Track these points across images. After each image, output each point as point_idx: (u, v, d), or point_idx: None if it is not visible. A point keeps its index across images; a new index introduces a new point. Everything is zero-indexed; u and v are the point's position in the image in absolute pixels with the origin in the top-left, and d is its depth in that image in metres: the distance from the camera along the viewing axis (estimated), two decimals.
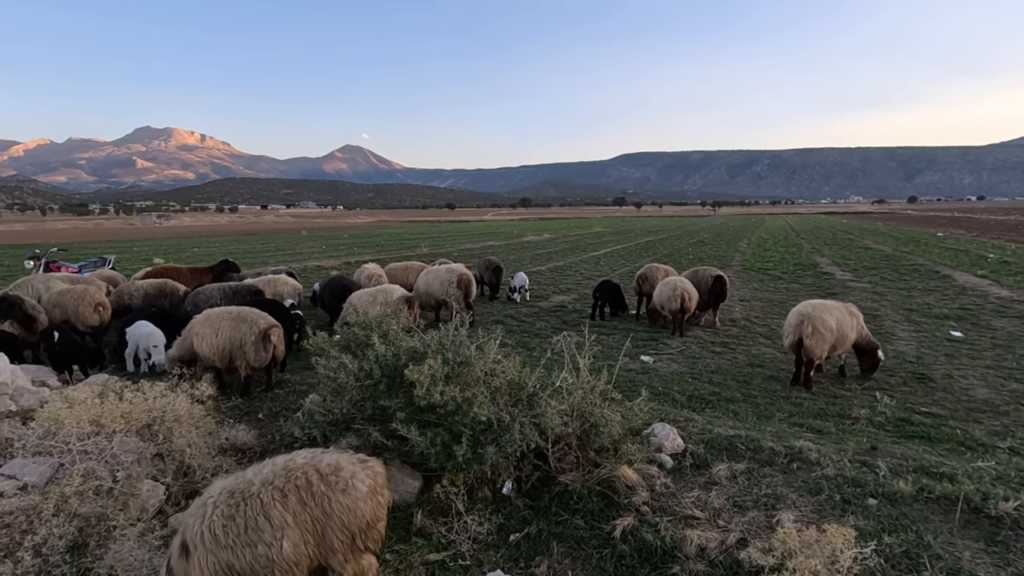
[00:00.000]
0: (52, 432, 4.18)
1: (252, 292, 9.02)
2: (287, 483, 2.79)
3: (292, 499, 2.76)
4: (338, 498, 2.81)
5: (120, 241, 41.52)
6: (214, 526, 2.65)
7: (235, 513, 2.69)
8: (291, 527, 2.72)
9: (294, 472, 2.85)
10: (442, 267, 10.37)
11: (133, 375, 7.13)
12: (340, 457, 3.02)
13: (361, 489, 2.88)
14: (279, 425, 5.75)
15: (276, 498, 2.73)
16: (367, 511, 2.89)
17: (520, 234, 45.79)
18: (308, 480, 2.82)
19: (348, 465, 2.96)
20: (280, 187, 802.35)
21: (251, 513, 2.69)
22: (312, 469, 2.87)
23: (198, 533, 2.65)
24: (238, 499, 2.74)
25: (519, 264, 21.33)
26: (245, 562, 2.68)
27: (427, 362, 3.52)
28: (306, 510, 2.76)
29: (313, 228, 66.59)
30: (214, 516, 2.67)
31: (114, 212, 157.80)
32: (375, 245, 34.96)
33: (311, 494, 2.78)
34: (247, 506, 2.71)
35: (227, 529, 2.66)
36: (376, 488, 2.99)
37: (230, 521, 2.68)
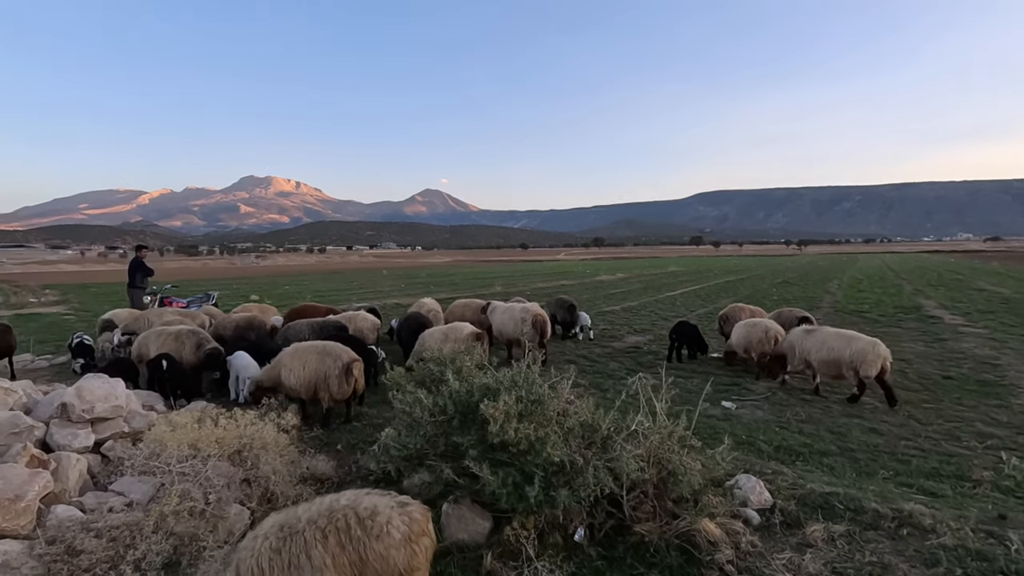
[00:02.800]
0: (157, 453, 4.54)
1: (338, 328, 9.50)
2: (328, 524, 2.82)
3: (332, 541, 2.77)
4: (372, 544, 2.79)
5: (222, 279, 45.33)
6: (261, 559, 2.71)
7: (281, 548, 2.75)
8: (329, 569, 2.73)
9: (336, 513, 2.87)
10: (517, 306, 10.45)
11: (227, 403, 7.65)
12: (380, 501, 3.00)
13: (395, 536, 2.84)
14: (356, 457, 5.91)
15: (318, 538, 2.76)
16: (400, 560, 2.83)
17: (593, 273, 45.48)
18: (347, 523, 2.83)
19: (385, 510, 2.93)
20: (364, 229, 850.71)
21: (295, 550, 2.74)
22: (351, 512, 2.88)
23: (248, 565, 2.73)
24: (285, 534, 2.80)
25: (592, 303, 21.10)
26: None
27: (501, 398, 3.51)
28: (344, 553, 2.77)
29: (393, 267, 69.67)
30: (262, 548, 2.75)
31: (219, 253, 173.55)
32: (451, 284, 35.93)
33: (349, 537, 2.79)
34: (292, 542, 2.76)
35: (272, 563, 2.71)
36: (411, 536, 2.91)
37: (276, 555, 2.73)
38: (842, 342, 7.60)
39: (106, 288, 34.83)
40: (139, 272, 12.62)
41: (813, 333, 8.14)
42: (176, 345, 7.65)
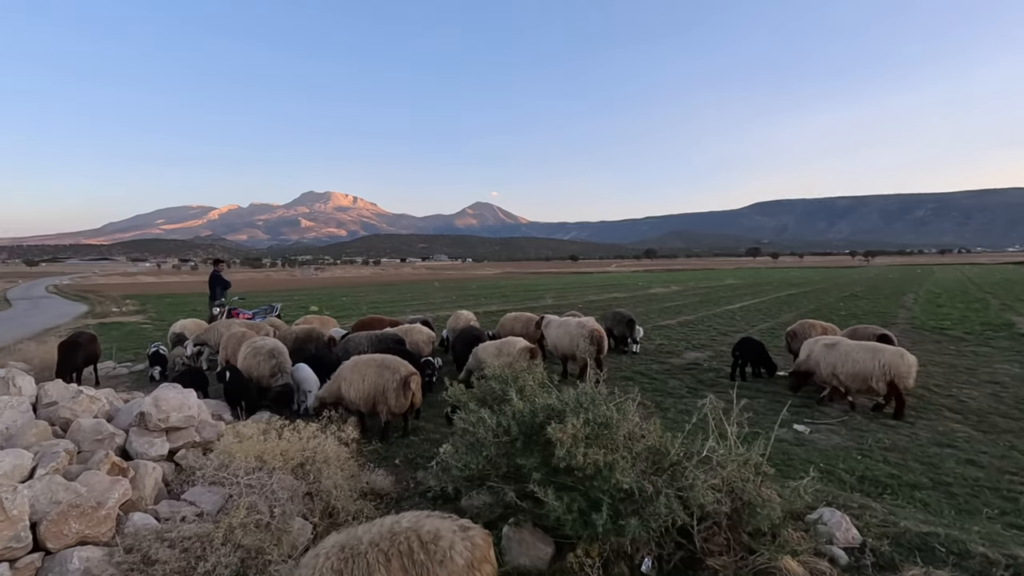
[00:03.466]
0: (225, 464, 4.64)
1: (395, 341, 9.61)
2: (391, 547, 2.77)
3: (395, 564, 2.73)
4: (435, 569, 2.73)
5: (284, 291, 47.27)
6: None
7: (343, 569, 2.72)
8: None
9: (398, 536, 2.83)
10: (572, 320, 10.27)
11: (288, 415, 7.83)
12: (441, 524, 2.95)
13: (458, 562, 2.78)
14: (414, 473, 5.88)
15: (381, 561, 2.72)
16: None
17: (645, 286, 44.52)
18: (410, 546, 2.78)
19: (448, 534, 2.88)
20: (417, 242, 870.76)
21: (357, 572, 2.70)
22: (414, 535, 2.83)
23: None
24: (347, 555, 2.77)
25: (646, 317, 20.57)
26: None
27: (569, 421, 3.37)
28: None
29: (445, 279, 70.71)
30: (324, 569, 2.72)
31: (281, 265, 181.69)
32: (501, 296, 36.01)
33: (412, 561, 2.74)
34: (354, 564, 2.73)
35: None
36: (474, 562, 2.85)
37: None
38: (867, 354, 7.60)
39: (179, 299, 37.00)
40: (218, 285, 13.34)
41: (835, 347, 8.03)
42: (254, 362, 7.72)
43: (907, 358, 7.44)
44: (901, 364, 7.39)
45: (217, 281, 13.37)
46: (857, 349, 7.78)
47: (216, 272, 13.50)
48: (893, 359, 7.42)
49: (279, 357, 7.63)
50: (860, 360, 7.62)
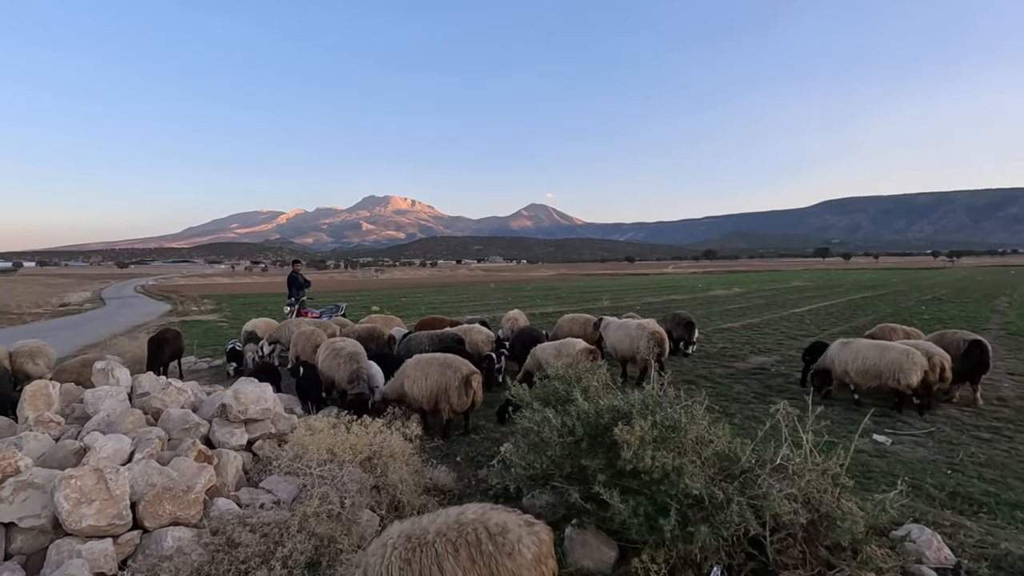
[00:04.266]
0: (299, 456, 4.86)
1: (455, 340, 9.78)
2: (459, 537, 2.81)
3: (463, 555, 2.76)
4: (504, 561, 2.76)
5: (347, 291, 49.05)
6: (391, 567, 2.74)
7: (411, 558, 2.76)
8: None
9: (465, 527, 2.86)
10: (632, 322, 10.09)
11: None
12: (508, 518, 2.97)
13: (526, 556, 2.80)
14: (476, 472, 5.95)
15: (449, 551, 2.76)
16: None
17: (705, 288, 43.12)
18: (478, 537, 2.81)
19: (515, 528, 2.90)
20: (472, 244, 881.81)
21: (426, 561, 2.74)
22: (482, 527, 2.86)
23: (377, 571, 2.75)
24: (414, 544, 2.82)
25: (707, 320, 19.94)
26: None
27: (637, 423, 3.31)
28: (475, 568, 2.75)
29: (500, 280, 71.21)
30: (392, 558, 2.77)
31: (344, 267, 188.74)
32: (556, 297, 35.89)
33: (480, 552, 2.77)
34: (422, 553, 2.77)
35: (403, 572, 2.73)
36: (541, 557, 2.87)
37: (407, 565, 2.75)
38: (876, 352, 7.80)
39: (252, 299, 39.12)
40: (293, 285, 14.13)
41: (848, 345, 8.28)
42: (334, 363, 7.84)
43: (913, 357, 7.49)
44: (904, 362, 7.48)
45: (293, 281, 14.18)
46: (868, 347, 7.97)
47: (293, 272, 14.33)
48: (897, 357, 7.56)
49: (360, 362, 7.70)
50: (869, 358, 7.81)
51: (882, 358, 7.67)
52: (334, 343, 8.12)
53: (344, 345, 7.94)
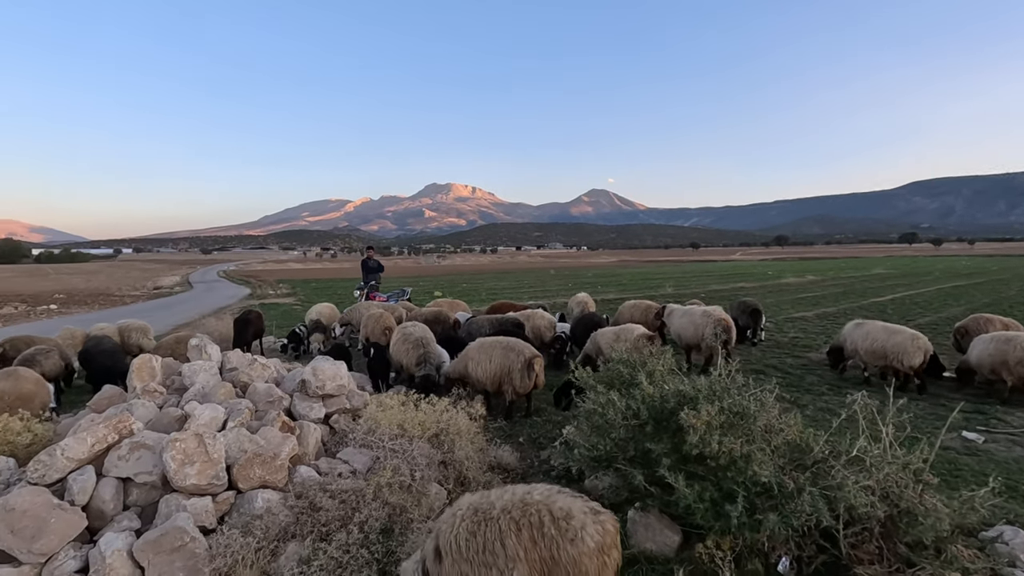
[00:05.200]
0: (372, 430, 5.15)
1: (514, 324, 9.93)
2: (522, 516, 2.83)
3: (525, 535, 2.78)
4: (565, 546, 2.75)
5: (410, 276, 50.48)
6: (459, 538, 2.81)
7: (476, 531, 2.82)
8: (522, 561, 2.75)
9: (529, 508, 2.87)
10: (697, 309, 9.87)
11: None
12: (573, 504, 2.95)
13: (588, 544, 2.77)
14: (537, 453, 6.07)
15: (512, 528, 2.79)
16: (591, 568, 2.77)
17: (776, 275, 41.15)
18: (540, 519, 2.81)
19: (579, 515, 2.87)
20: (532, 230, 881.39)
21: (490, 535, 2.79)
22: (545, 509, 2.86)
23: (448, 541, 2.85)
24: (480, 518, 2.87)
25: (778, 308, 19.10)
26: None
27: (703, 408, 3.28)
28: (536, 549, 2.77)
29: (560, 267, 71.00)
30: (460, 529, 2.85)
31: (407, 254, 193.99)
32: (618, 284, 35.41)
33: (542, 534, 2.78)
34: (487, 528, 2.82)
35: (469, 544, 2.79)
36: (604, 547, 2.83)
37: (472, 537, 2.81)
38: (884, 334, 8.28)
39: (322, 283, 41.08)
40: (366, 270, 14.97)
41: (861, 326, 8.80)
42: (403, 348, 8.07)
43: (918, 341, 7.91)
44: (909, 345, 7.92)
45: (365, 265, 15.03)
46: (877, 329, 8.46)
47: (367, 258, 15.18)
48: (903, 340, 8.01)
49: (427, 347, 7.93)
50: (878, 339, 8.29)
51: (889, 340, 8.13)
52: (405, 328, 8.38)
53: (414, 331, 8.19)
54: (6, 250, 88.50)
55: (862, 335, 8.56)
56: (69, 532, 3.52)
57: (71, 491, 3.74)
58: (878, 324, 8.64)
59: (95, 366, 8.37)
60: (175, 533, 3.41)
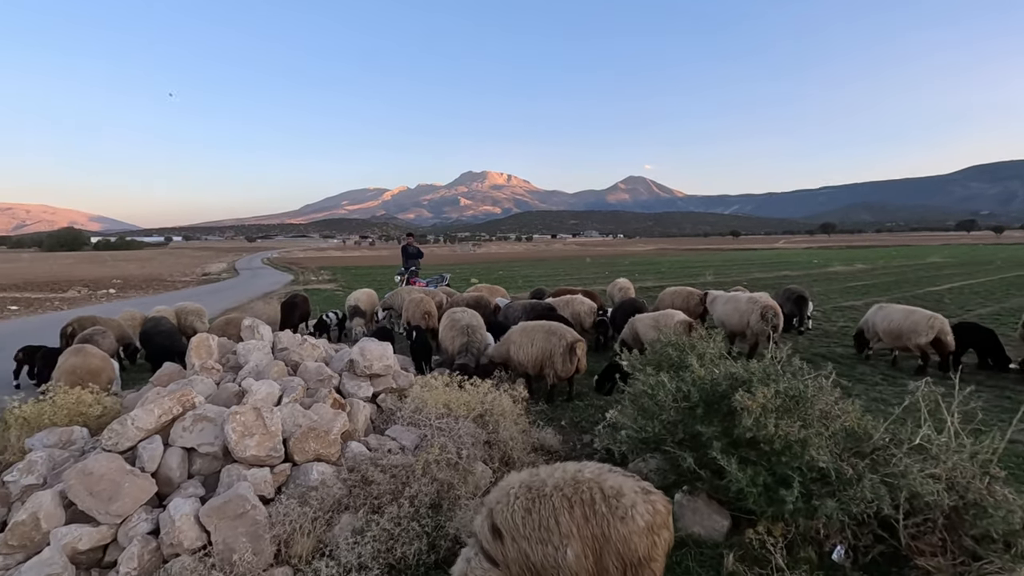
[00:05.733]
0: (419, 409, 5.25)
1: (547, 309, 9.91)
2: (574, 494, 2.84)
3: (577, 512, 2.79)
4: (615, 524, 2.75)
5: (446, 264, 50.93)
6: (515, 515, 2.83)
7: (532, 508, 2.84)
8: (575, 538, 2.76)
9: (581, 485, 2.87)
10: (742, 295, 9.63)
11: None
12: (625, 482, 2.94)
13: (639, 522, 2.76)
14: (580, 436, 6.08)
15: (564, 506, 2.80)
16: (641, 547, 2.76)
17: (822, 264, 39.72)
18: (592, 497, 2.82)
19: (630, 493, 2.86)
20: (568, 218, 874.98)
21: (544, 512, 2.81)
22: (596, 487, 2.86)
23: (505, 519, 2.88)
24: (534, 495, 2.89)
25: (826, 297, 18.47)
26: (537, 557, 2.80)
27: (760, 390, 3.21)
28: (588, 526, 2.77)
29: (596, 255, 70.33)
30: (516, 506, 2.87)
31: (443, 241, 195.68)
32: (656, 272, 34.86)
33: (593, 512, 2.78)
34: (541, 505, 2.84)
35: (525, 521, 2.82)
36: (654, 526, 2.81)
37: (528, 514, 2.83)
38: (902, 315, 8.63)
39: (362, 270, 41.92)
40: (406, 256, 15.26)
41: (882, 308, 9.20)
42: (449, 334, 8.10)
43: (932, 321, 8.15)
44: (922, 324, 8.19)
45: (405, 251, 15.31)
46: (896, 311, 8.82)
47: (405, 244, 15.48)
48: (919, 320, 8.27)
49: (471, 335, 7.91)
50: (895, 320, 8.62)
51: (905, 320, 8.44)
52: (454, 313, 8.37)
53: (462, 317, 8.18)
54: (68, 238, 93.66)
55: (882, 317, 8.94)
56: (141, 496, 3.73)
57: (141, 459, 3.96)
58: (898, 307, 9.01)
59: (154, 346, 8.80)
60: (237, 501, 3.57)
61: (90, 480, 3.65)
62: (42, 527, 3.57)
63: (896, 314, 8.74)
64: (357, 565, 3.35)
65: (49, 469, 4.24)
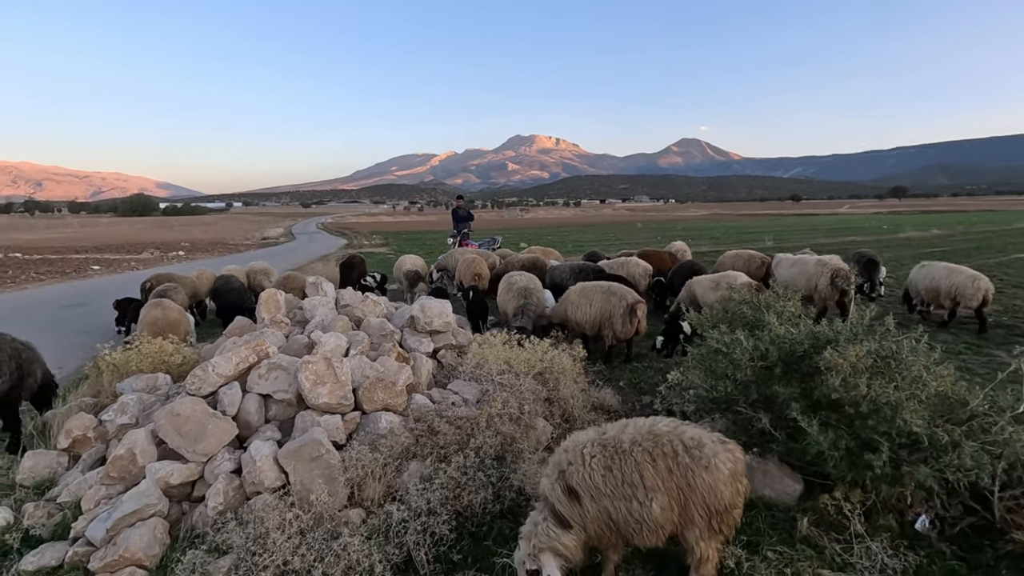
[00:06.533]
0: (480, 364, 5.29)
1: (596, 271, 9.72)
2: (655, 448, 2.84)
3: (661, 465, 2.80)
4: (700, 473, 2.76)
5: (493, 229, 50.95)
6: (594, 475, 2.84)
7: (612, 465, 2.85)
8: (660, 491, 2.77)
9: (660, 438, 2.87)
10: (810, 258, 9.15)
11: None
12: (702, 433, 2.94)
13: (723, 470, 2.78)
14: (639, 397, 6.00)
15: (647, 460, 2.81)
16: (727, 494, 2.78)
17: (893, 229, 37.30)
18: (674, 449, 2.82)
19: (710, 443, 2.87)
20: (617, 182, 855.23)
21: (627, 469, 2.81)
22: (677, 439, 2.86)
23: (582, 479, 2.86)
24: (611, 452, 2.88)
25: (898, 263, 17.40)
26: (620, 513, 2.82)
27: (851, 349, 3.02)
28: (672, 478, 2.78)
29: (647, 220, 68.61)
30: (593, 464, 2.86)
31: (490, 207, 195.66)
32: (710, 237, 33.73)
33: (676, 463, 2.79)
34: (622, 462, 2.84)
35: (606, 479, 2.83)
36: (736, 473, 2.84)
37: (608, 472, 2.84)
38: (943, 273, 8.68)
39: (412, 235, 42.55)
40: (456, 218, 15.41)
41: (925, 267, 9.26)
42: (506, 297, 8.10)
43: (978, 282, 8.23)
44: (968, 287, 8.25)
45: (456, 214, 15.43)
46: (938, 269, 8.87)
47: (457, 207, 15.58)
48: (963, 281, 8.35)
49: (528, 298, 7.82)
50: (936, 279, 8.76)
51: (946, 280, 8.54)
52: (511, 276, 8.31)
53: (519, 280, 8.08)
54: (140, 204, 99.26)
55: (923, 275, 9.00)
56: (224, 437, 3.94)
57: (222, 403, 4.17)
58: (940, 264, 9.06)
59: (224, 302, 9.25)
60: (313, 444, 3.72)
61: (178, 421, 3.88)
62: (138, 461, 3.84)
63: (938, 272, 8.79)
64: (427, 510, 3.44)
65: (140, 411, 4.55)
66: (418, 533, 3.31)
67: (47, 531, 3.72)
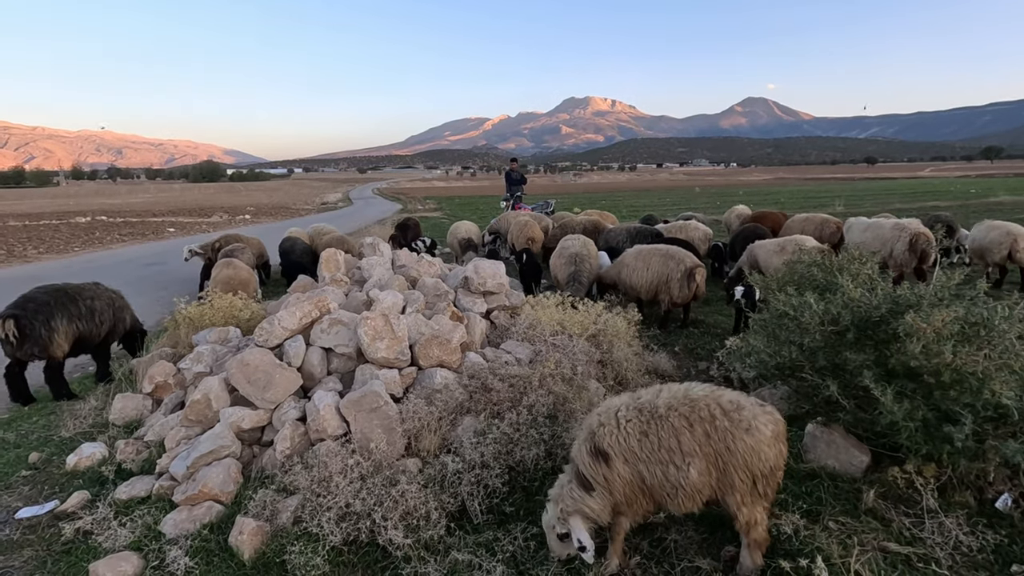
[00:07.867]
0: (532, 325, 5.30)
1: (653, 235, 9.43)
2: (692, 412, 2.77)
3: (698, 430, 2.73)
4: (741, 436, 2.68)
5: (546, 193, 50.39)
6: (630, 439, 2.78)
7: (648, 430, 2.78)
8: (698, 456, 2.71)
9: (697, 403, 2.80)
10: (886, 222, 8.54)
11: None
12: (740, 396, 2.86)
13: (765, 432, 2.68)
14: (695, 363, 5.86)
15: (684, 425, 2.74)
16: (771, 455, 2.69)
17: (982, 194, 34.21)
18: (711, 413, 2.74)
19: (749, 405, 2.78)
20: (676, 146, 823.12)
21: (664, 434, 2.75)
22: (714, 403, 2.79)
23: (616, 442, 2.81)
24: (647, 417, 2.81)
25: None
26: (655, 478, 2.77)
27: (935, 314, 2.80)
28: (710, 442, 2.71)
29: (706, 185, 65.86)
30: (628, 430, 2.80)
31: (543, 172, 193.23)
32: (774, 202, 32.03)
33: (714, 428, 2.72)
34: (659, 427, 2.77)
35: (642, 444, 2.77)
36: (779, 434, 2.75)
37: (644, 437, 2.78)
38: (985, 230, 8.80)
39: (465, 200, 42.72)
40: (509, 182, 15.36)
41: (979, 224, 9.15)
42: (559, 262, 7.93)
43: (1013, 235, 8.25)
44: (1003, 240, 8.33)
45: (509, 177, 15.36)
46: (983, 227, 8.92)
47: (510, 170, 15.51)
48: (997, 236, 8.45)
49: (579, 264, 7.66)
50: (977, 237, 8.89)
51: (986, 236, 8.62)
52: (565, 241, 8.11)
53: (571, 245, 7.88)
54: (209, 171, 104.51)
55: (979, 233, 8.93)
56: (289, 387, 4.15)
57: (287, 355, 4.37)
58: (986, 222, 9.05)
59: (288, 261, 9.65)
60: (372, 396, 3.85)
61: (247, 370, 4.11)
62: (213, 406, 4.11)
63: (980, 230, 8.85)
64: (480, 463, 3.51)
65: (213, 360, 4.85)
66: (472, 484, 3.40)
67: (136, 465, 4.07)
